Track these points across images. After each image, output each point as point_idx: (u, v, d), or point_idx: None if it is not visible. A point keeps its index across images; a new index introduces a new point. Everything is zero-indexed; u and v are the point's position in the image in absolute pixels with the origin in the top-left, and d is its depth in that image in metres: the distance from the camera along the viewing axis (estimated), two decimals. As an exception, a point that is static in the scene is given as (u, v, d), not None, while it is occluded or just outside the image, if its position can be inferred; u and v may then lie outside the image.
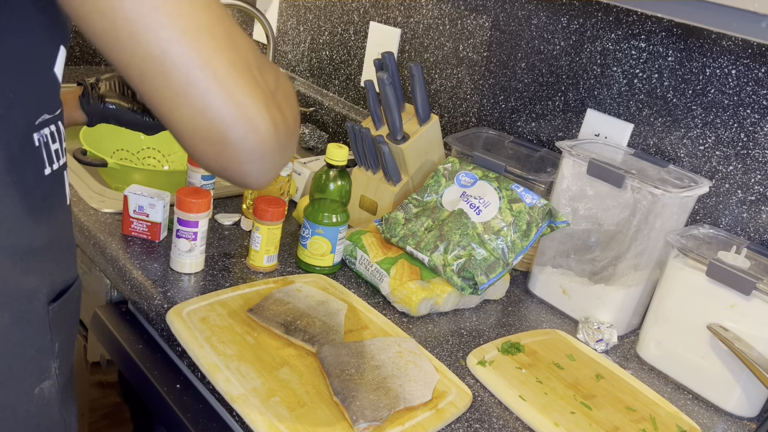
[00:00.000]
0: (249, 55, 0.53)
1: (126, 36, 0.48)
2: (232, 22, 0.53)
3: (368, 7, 1.63)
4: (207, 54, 0.49)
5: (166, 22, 0.48)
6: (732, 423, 0.94)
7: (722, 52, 1.06)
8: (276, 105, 0.54)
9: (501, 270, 1.05)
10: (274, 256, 1.06)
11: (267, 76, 0.55)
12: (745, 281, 0.90)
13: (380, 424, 0.76)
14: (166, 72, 0.49)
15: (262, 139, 0.52)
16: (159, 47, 0.48)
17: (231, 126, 0.51)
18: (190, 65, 0.49)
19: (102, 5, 0.47)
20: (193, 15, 0.49)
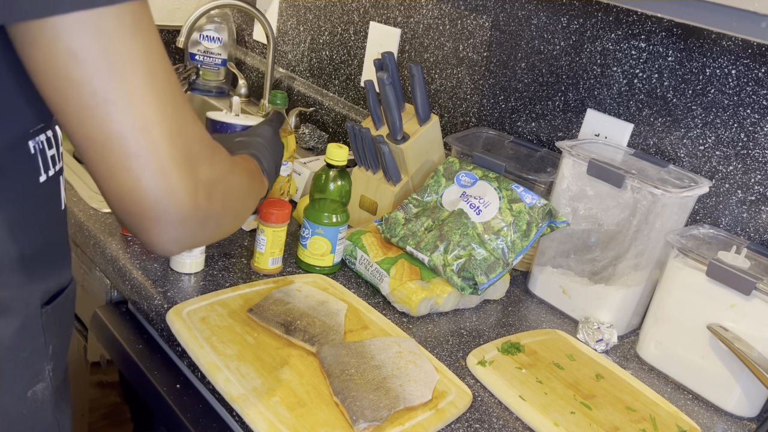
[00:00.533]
0: (195, 147, 0.54)
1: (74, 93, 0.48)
2: (190, 112, 0.54)
3: (368, 7, 1.63)
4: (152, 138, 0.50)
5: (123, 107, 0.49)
6: (732, 423, 0.94)
7: (722, 52, 1.06)
8: (207, 195, 0.54)
9: (501, 270, 1.05)
10: (279, 258, 1.06)
11: (211, 168, 0.56)
12: (745, 281, 0.90)
13: (380, 424, 0.76)
14: (105, 142, 0.49)
15: (176, 225, 0.53)
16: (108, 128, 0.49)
17: (153, 202, 0.51)
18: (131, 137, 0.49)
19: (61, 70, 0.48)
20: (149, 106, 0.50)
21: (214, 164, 0.57)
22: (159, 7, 2.01)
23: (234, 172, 0.63)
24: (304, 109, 1.74)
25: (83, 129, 0.50)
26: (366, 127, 1.19)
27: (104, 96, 0.48)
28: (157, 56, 0.51)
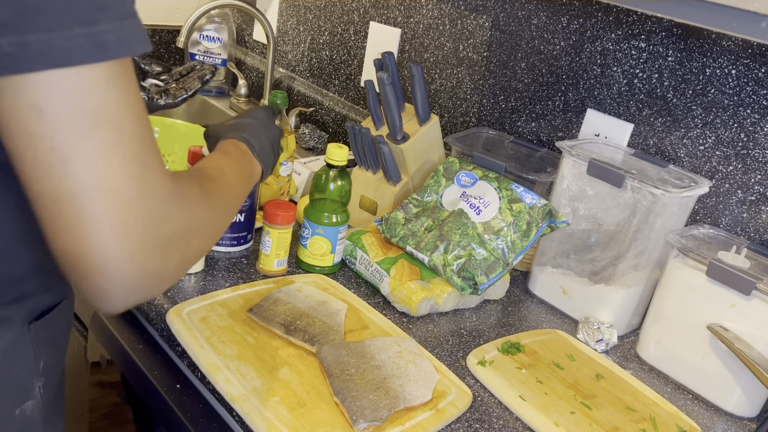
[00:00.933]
0: (159, 206, 0.50)
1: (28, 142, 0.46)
2: (159, 169, 0.51)
3: (368, 7, 1.63)
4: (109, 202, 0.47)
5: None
6: (732, 423, 0.94)
7: (722, 52, 1.06)
8: (163, 257, 0.51)
9: (501, 270, 1.05)
10: (285, 260, 1.06)
11: (174, 221, 0.52)
12: (745, 281, 0.90)
13: (380, 424, 0.76)
14: (58, 201, 0.47)
15: (123, 293, 0.50)
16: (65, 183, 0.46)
17: (100, 268, 0.48)
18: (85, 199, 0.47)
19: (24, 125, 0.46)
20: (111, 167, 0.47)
21: (179, 216, 0.53)
22: (159, 7, 2.01)
23: (208, 201, 0.60)
24: (304, 109, 1.74)
25: (37, 185, 0.47)
26: (366, 127, 1.19)
27: (63, 153, 0.46)
28: (132, 113, 0.49)
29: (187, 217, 0.54)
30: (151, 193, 0.49)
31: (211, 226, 0.61)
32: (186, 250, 0.55)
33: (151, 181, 0.50)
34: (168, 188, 0.51)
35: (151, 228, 0.49)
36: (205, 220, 0.58)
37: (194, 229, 0.56)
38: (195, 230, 0.56)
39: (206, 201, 0.59)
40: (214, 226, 0.61)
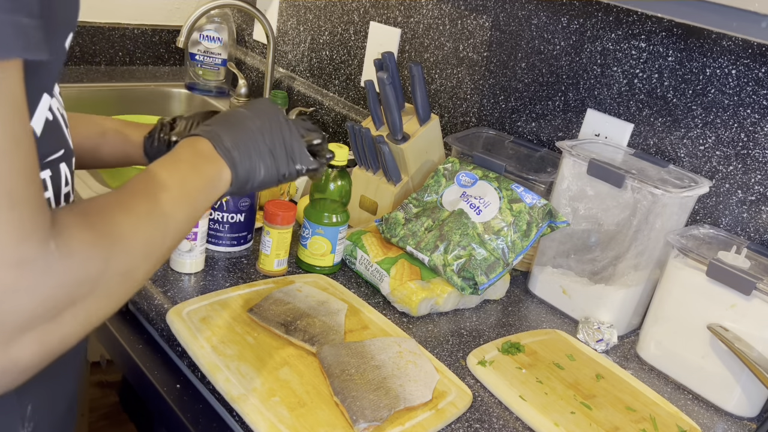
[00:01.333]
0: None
1: None
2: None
3: (368, 7, 1.63)
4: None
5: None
6: (732, 423, 0.94)
7: (722, 52, 1.06)
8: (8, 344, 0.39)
9: (501, 270, 1.05)
10: (285, 260, 1.06)
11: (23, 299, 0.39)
12: (745, 281, 0.90)
13: (380, 424, 0.76)
14: None
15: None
16: None
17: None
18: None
19: None
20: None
21: (47, 286, 0.40)
22: (159, 7, 2.01)
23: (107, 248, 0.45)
24: (304, 109, 1.74)
25: None
26: (366, 127, 1.19)
27: None
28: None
29: (57, 287, 0.41)
30: (9, 259, 0.38)
31: (107, 285, 0.46)
32: (53, 326, 0.41)
33: (16, 244, 0.38)
34: (33, 252, 0.39)
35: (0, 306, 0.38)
36: (98, 278, 0.44)
37: (70, 300, 0.42)
38: (72, 300, 0.42)
39: (100, 255, 0.45)
40: (111, 284, 0.46)
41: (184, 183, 0.59)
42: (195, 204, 0.60)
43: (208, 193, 0.62)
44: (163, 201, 0.55)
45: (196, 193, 0.60)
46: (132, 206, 0.52)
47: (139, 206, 0.52)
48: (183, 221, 0.57)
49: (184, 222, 0.57)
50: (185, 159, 0.62)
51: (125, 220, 0.49)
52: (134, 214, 0.51)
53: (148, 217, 0.52)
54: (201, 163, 0.62)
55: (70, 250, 0.42)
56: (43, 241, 0.40)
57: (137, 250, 0.50)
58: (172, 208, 0.56)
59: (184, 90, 1.92)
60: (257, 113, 0.71)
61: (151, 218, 0.53)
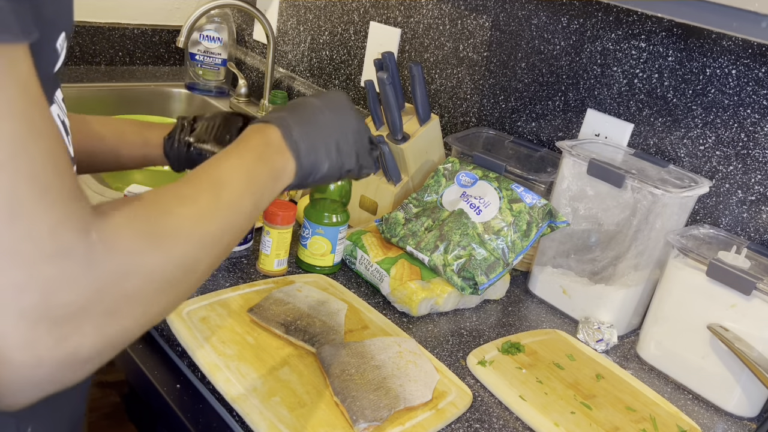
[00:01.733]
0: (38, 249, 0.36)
1: None
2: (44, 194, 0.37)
3: (368, 7, 1.63)
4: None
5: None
6: (732, 423, 0.94)
7: (722, 52, 1.06)
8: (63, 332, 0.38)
9: (501, 270, 1.05)
10: (285, 260, 1.06)
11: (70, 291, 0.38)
12: (746, 281, 0.90)
13: (380, 424, 0.76)
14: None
15: (12, 393, 0.38)
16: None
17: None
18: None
19: None
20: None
21: (93, 278, 0.39)
22: (159, 7, 2.01)
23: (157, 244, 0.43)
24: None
25: None
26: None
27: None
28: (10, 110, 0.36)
29: (106, 276, 0.40)
30: (49, 250, 0.37)
31: (163, 277, 0.44)
32: (110, 318, 0.40)
33: (51, 233, 0.37)
34: (72, 241, 0.38)
35: (44, 299, 0.36)
36: (151, 271, 0.43)
37: (122, 291, 0.41)
38: (124, 291, 0.41)
39: (152, 246, 0.43)
40: (168, 276, 0.45)
41: (249, 174, 0.57)
42: (259, 195, 0.58)
43: (272, 185, 0.60)
44: (226, 192, 0.53)
45: (261, 184, 0.58)
46: (193, 197, 0.50)
47: (200, 197, 0.51)
48: (247, 213, 0.56)
49: (247, 213, 0.56)
50: (252, 148, 0.60)
51: (184, 212, 0.48)
52: (195, 206, 0.49)
53: (210, 208, 0.51)
54: (268, 154, 0.61)
55: (116, 241, 0.41)
56: (82, 231, 0.38)
57: (197, 242, 0.48)
58: (236, 200, 0.54)
59: (184, 90, 1.92)
60: (329, 105, 0.69)
61: (213, 210, 0.51)
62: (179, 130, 0.82)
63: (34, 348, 0.37)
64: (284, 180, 0.62)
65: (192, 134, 0.81)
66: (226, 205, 0.53)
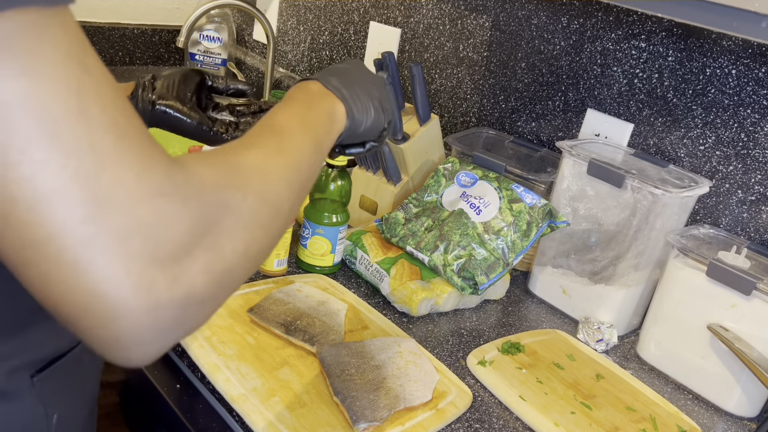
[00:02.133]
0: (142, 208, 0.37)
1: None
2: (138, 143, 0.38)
3: (368, 7, 1.63)
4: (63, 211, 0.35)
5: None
6: (732, 423, 0.94)
7: (722, 52, 1.06)
8: (174, 282, 0.38)
9: (501, 270, 1.05)
10: (285, 260, 1.06)
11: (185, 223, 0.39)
12: (746, 281, 0.90)
13: (380, 424, 0.76)
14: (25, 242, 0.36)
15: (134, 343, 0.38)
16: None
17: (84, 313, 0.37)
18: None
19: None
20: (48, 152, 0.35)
21: (188, 214, 0.39)
22: (159, 7, 2.01)
23: (238, 182, 0.45)
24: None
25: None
26: (366, 127, 1.19)
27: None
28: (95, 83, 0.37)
29: (202, 212, 0.40)
30: (142, 192, 0.37)
31: (252, 211, 0.45)
32: (215, 255, 0.41)
33: (139, 176, 0.37)
34: (161, 181, 0.38)
35: (149, 241, 0.37)
36: (237, 207, 0.44)
37: (220, 227, 0.42)
38: (221, 227, 0.42)
39: (234, 182, 0.45)
40: (256, 210, 0.45)
41: (303, 118, 0.59)
42: (318, 136, 0.60)
43: (328, 126, 0.63)
44: (286, 134, 0.55)
45: (317, 124, 0.61)
46: (258, 143, 0.51)
47: (264, 141, 0.52)
48: (311, 151, 0.57)
49: (311, 152, 0.57)
50: (298, 99, 0.63)
51: (254, 153, 0.49)
52: (263, 148, 0.51)
53: (276, 148, 0.52)
54: (315, 100, 0.63)
55: (201, 179, 0.42)
56: (167, 173, 0.39)
57: (273, 175, 0.49)
58: (298, 140, 0.56)
59: (184, 90, 1.92)
60: (354, 65, 0.72)
61: (279, 149, 0.52)
62: (141, 89, 0.82)
63: (150, 291, 0.37)
64: (338, 120, 0.65)
65: (154, 92, 0.81)
66: (289, 144, 0.54)
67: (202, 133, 0.81)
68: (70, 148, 0.35)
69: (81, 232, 0.35)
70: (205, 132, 0.81)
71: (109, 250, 0.35)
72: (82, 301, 0.36)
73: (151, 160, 0.38)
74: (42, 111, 0.34)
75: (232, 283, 0.43)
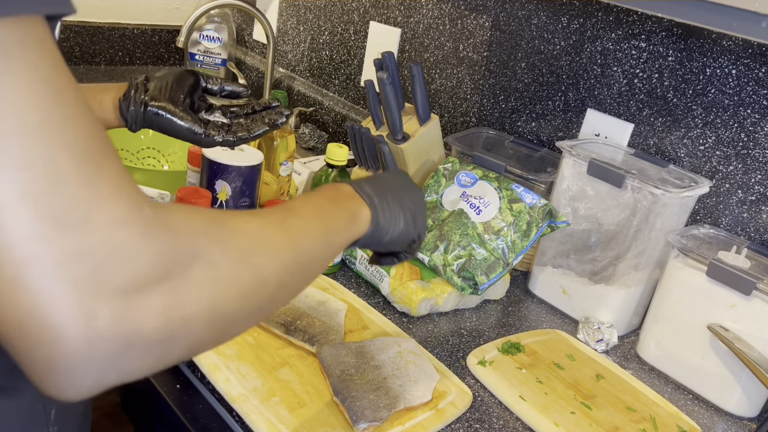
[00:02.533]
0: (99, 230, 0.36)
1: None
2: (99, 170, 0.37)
3: (368, 7, 1.63)
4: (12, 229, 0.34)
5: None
6: (732, 423, 0.94)
7: (722, 52, 1.06)
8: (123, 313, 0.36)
9: (501, 270, 1.05)
10: None
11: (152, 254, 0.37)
12: (746, 281, 0.90)
13: (380, 425, 0.76)
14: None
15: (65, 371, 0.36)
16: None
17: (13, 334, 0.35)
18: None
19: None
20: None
21: (152, 250, 0.37)
22: (159, 7, 2.01)
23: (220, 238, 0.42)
24: (304, 109, 1.74)
25: None
26: (366, 127, 1.19)
27: None
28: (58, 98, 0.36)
29: (167, 253, 0.38)
30: (99, 218, 0.36)
31: (229, 270, 0.42)
32: (174, 300, 0.38)
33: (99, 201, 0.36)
34: (124, 211, 0.37)
35: (99, 269, 0.35)
36: (212, 260, 0.41)
37: (187, 273, 0.39)
38: (189, 274, 0.40)
39: (215, 235, 0.42)
40: (235, 271, 0.43)
41: (319, 207, 0.57)
42: (331, 228, 0.57)
43: (346, 224, 0.60)
44: (294, 214, 0.53)
45: (333, 217, 0.58)
46: (261, 215, 0.49)
47: (269, 215, 0.50)
48: (318, 240, 0.54)
49: (320, 242, 0.54)
50: (323, 193, 0.61)
51: (252, 220, 0.47)
52: (263, 219, 0.49)
53: (275, 221, 0.50)
54: (340, 198, 0.61)
55: (175, 222, 0.40)
56: (133, 203, 0.37)
57: (266, 247, 0.47)
58: (304, 223, 0.53)
59: (184, 90, 1.92)
60: (395, 175, 0.72)
61: (279, 223, 0.50)
62: (133, 90, 0.82)
63: (91, 319, 0.35)
64: (360, 222, 0.62)
65: (146, 93, 0.81)
66: (294, 223, 0.52)
67: (193, 136, 0.81)
68: (22, 163, 0.34)
69: (25, 250, 0.34)
70: (197, 134, 0.81)
71: (53, 272, 0.34)
72: (18, 320, 0.34)
73: (116, 188, 0.37)
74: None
75: (189, 337, 0.40)
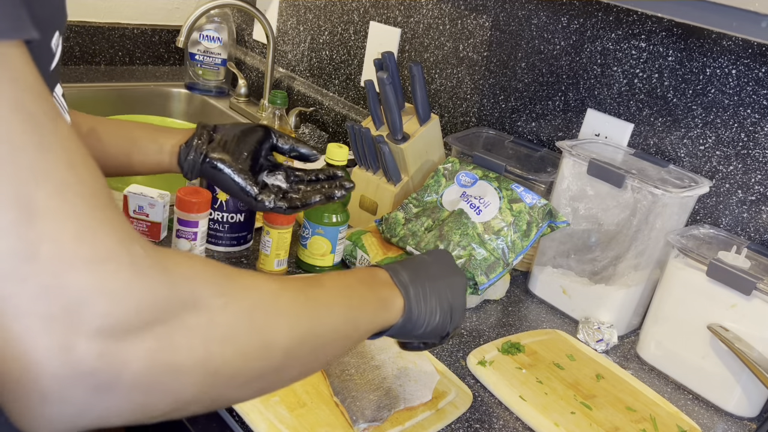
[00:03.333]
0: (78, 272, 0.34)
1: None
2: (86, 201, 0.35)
3: (368, 7, 1.63)
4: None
5: None
6: (732, 423, 0.94)
7: (722, 52, 1.06)
8: (107, 350, 0.34)
9: (501, 270, 1.05)
10: (285, 260, 1.06)
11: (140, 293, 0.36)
12: (746, 281, 0.90)
13: (380, 424, 0.76)
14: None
15: (40, 404, 0.34)
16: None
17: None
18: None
19: None
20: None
21: (147, 290, 0.36)
22: (159, 7, 2.01)
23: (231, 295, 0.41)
24: (304, 109, 1.74)
25: None
26: (366, 127, 1.19)
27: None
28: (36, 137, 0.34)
29: (159, 296, 0.37)
30: (79, 255, 0.34)
31: (229, 324, 0.41)
32: (163, 345, 0.37)
33: (79, 236, 0.34)
34: (110, 249, 0.35)
35: (78, 307, 0.34)
36: (211, 311, 0.40)
37: (181, 321, 0.38)
38: (183, 322, 0.38)
39: (219, 286, 0.41)
40: (236, 327, 0.41)
41: (350, 288, 0.55)
42: (358, 311, 0.55)
43: (375, 311, 0.57)
44: (319, 290, 0.50)
45: (362, 302, 0.56)
46: (281, 280, 0.47)
47: (290, 283, 0.48)
48: (340, 320, 0.51)
49: (343, 322, 0.52)
50: (357, 275, 0.59)
51: (268, 282, 0.45)
52: (281, 284, 0.46)
53: (298, 293, 0.47)
54: (374, 284, 0.59)
55: (173, 266, 0.38)
56: (121, 240, 0.36)
57: (277, 310, 0.45)
58: (331, 301, 0.51)
59: (184, 90, 1.92)
60: (439, 260, 0.68)
61: (303, 297, 0.48)
62: (197, 138, 0.80)
63: (67, 355, 0.33)
64: (391, 311, 0.60)
65: (209, 144, 0.80)
66: (317, 296, 0.50)
67: (245, 196, 0.79)
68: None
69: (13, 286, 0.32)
70: (249, 196, 0.79)
71: (27, 309, 0.33)
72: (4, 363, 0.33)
73: (101, 225, 0.35)
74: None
75: (176, 390, 0.39)
